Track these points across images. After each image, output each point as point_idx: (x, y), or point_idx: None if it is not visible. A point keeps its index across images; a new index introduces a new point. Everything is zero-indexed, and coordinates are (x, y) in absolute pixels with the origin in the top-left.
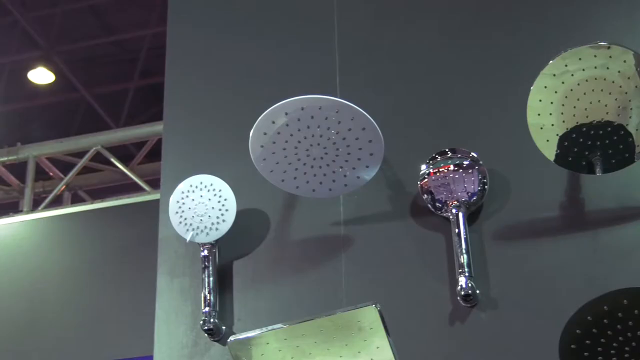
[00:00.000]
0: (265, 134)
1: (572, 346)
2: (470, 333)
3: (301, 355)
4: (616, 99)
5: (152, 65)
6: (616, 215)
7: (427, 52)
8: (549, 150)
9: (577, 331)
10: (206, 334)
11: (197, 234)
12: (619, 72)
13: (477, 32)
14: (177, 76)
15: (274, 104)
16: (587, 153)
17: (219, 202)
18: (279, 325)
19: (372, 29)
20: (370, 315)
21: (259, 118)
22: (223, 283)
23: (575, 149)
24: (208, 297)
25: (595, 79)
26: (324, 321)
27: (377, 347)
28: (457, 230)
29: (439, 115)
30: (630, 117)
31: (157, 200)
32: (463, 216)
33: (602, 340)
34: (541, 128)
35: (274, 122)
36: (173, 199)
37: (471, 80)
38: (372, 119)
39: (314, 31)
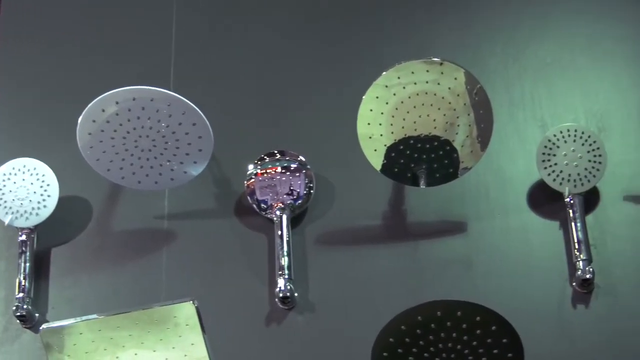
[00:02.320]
0: (94, 121)
1: (385, 354)
2: (286, 335)
3: (115, 347)
4: (445, 115)
5: None
6: (436, 228)
7: (264, 52)
8: (376, 160)
9: (390, 339)
10: (18, 320)
11: (16, 217)
12: (449, 88)
13: (315, 37)
14: (5, 58)
15: (106, 92)
16: (412, 165)
17: (41, 187)
18: (94, 315)
19: (210, 24)
20: (187, 311)
21: (89, 105)
22: (40, 270)
23: (402, 161)
24: (23, 283)
25: (426, 93)
26: (139, 314)
27: (192, 344)
28: (279, 233)
29: (270, 117)
30: (457, 134)
31: None
32: (287, 219)
33: (414, 350)
34: (370, 137)
35: (103, 111)
36: None
37: (305, 85)
38: (203, 115)
39: (152, 21)
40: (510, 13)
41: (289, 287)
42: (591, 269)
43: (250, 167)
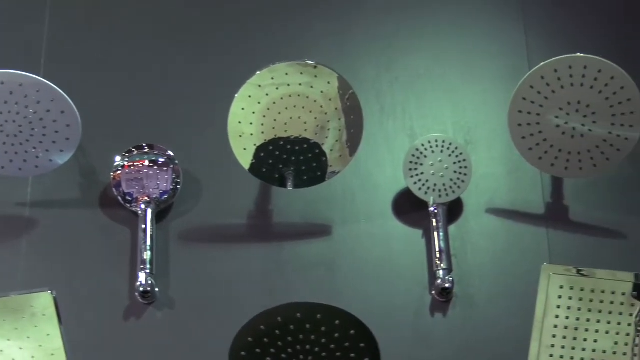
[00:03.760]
0: None
1: (242, 353)
2: (145, 330)
3: None
4: (316, 118)
5: None
6: (301, 230)
7: (139, 45)
8: (245, 159)
9: (249, 339)
10: None
11: None
12: (322, 92)
13: (191, 33)
14: None
15: None
16: (281, 166)
17: None
18: None
19: (85, 12)
20: (44, 301)
21: None
22: None
23: (271, 161)
24: None
25: (299, 95)
26: None
27: (48, 335)
28: (143, 226)
29: (141, 110)
30: (327, 138)
31: None
32: (152, 213)
33: (272, 350)
34: (240, 136)
35: None
36: None
37: (179, 80)
38: (72, 104)
39: (24, 6)
40: (387, 23)
41: (149, 282)
42: (451, 279)
43: (118, 158)
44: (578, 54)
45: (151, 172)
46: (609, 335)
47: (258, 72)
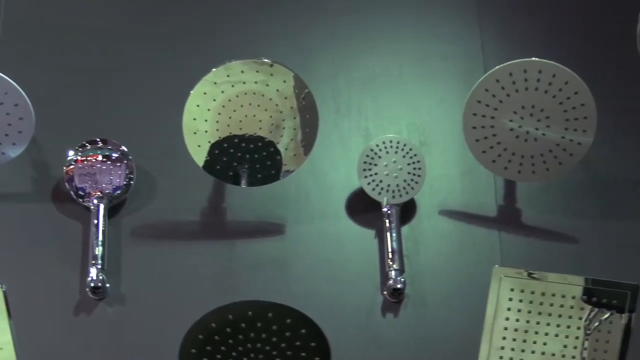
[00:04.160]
0: None
1: (193, 350)
2: (95, 326)
3: None
4: (271, 116)
5: None
6: (254, 228)
7: (95, 38)
8: (200, 156)
9: (200, 336)
10: None
11: None
12: (277, 90)
13: (149, 27)
14: None
15: None
16: (235, 164)
17: None
18: None
19: (40, 4)
20: None
21: None
22: None
23: (225, 159)
24: None
25: (254, 93)
26: None
27: None
28: (95, 221)
29: (96, 104)
30: (281, 136)
31: None
32: (104, 208)
33: (222, 348)
34: (195, 133)
35: None
36: None
37: (135, 75)
38: (26, 97)
39: None
40: (345, 23)
41: (100, 277)
42: (402, 279)
43: (71, 153)
44: (533, 58)
45: (104, 167)
46: (559, 338)
47: (214, 69)
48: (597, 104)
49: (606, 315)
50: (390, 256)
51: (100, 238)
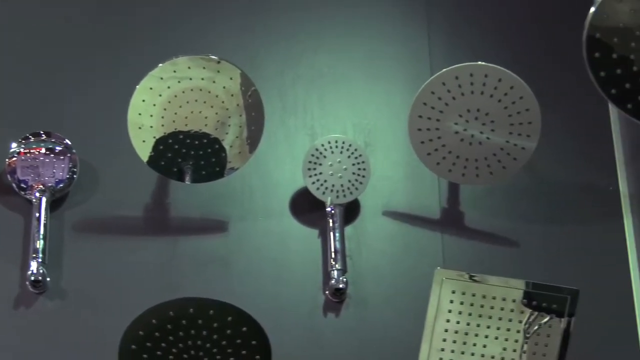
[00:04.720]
0: None
1: (133, 346)
2: (35, 320)
3: None
4: (217, 113)
5: None
6: (198, 225)
7: (43, 29)
8: (144, 151)
9: (140, 332)
10: None
11: None
12: (224, 87)
13: (96, 20)
14: None
15: None
16: (180, 160)
17: None
18: None
19: None
20: None
21: None
22: None
23: (170, 155)
24: None
25: (201, 90)
26: None
27: None
28: (37, 215)
29: (40, 96)
30: (227, 133)
31: None
32: (46, 201)
33: (163, 344)
34: (140, 128)
35: None
36: None
37: (80, 68)
38: None
39: None
40: (292, 21)
41: (41, 271)
42: (345, 279)
43: (14, 145)
44: (479, 62)
45: (47, 160)
46: (498, 341)
47: (160, 65)
48: (542, 109)
49: (546, 319)
50: (333, 256)
51: (42, 231)
